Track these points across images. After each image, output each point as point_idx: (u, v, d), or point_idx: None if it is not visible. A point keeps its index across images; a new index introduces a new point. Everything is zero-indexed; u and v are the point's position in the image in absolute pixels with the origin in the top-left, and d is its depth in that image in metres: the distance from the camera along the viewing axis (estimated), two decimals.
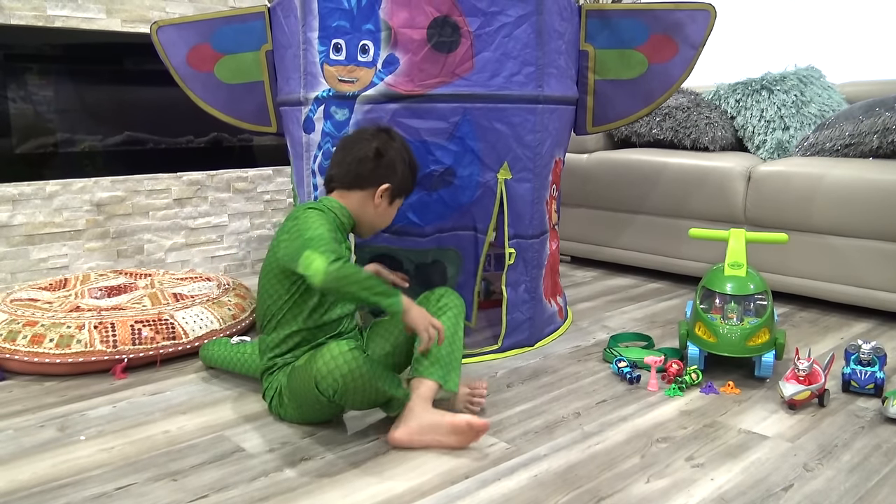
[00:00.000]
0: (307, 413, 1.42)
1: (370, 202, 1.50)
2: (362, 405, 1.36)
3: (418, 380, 1.43)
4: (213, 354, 1.73)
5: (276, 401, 1.46)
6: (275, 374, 1.47)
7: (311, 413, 1.41)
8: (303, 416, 1.43)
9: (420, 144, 1.67)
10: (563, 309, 2.13)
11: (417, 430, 1.36)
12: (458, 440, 1.35)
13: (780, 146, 2.50)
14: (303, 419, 1.44)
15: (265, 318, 1.48)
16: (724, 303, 1.69)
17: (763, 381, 1.68)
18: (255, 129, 2.07)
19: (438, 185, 1.71)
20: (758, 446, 1.35)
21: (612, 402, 1.56)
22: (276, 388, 1.45)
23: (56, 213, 2.39)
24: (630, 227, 2.68)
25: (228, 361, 1.69)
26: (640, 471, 1.26)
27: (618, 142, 2.92)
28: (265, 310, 1.48)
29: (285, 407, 1.44)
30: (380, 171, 1.48)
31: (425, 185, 1.70)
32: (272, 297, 1.46)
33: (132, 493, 1.20)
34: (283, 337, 1.46)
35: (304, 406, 1.40)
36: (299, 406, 1.41)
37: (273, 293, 1.46)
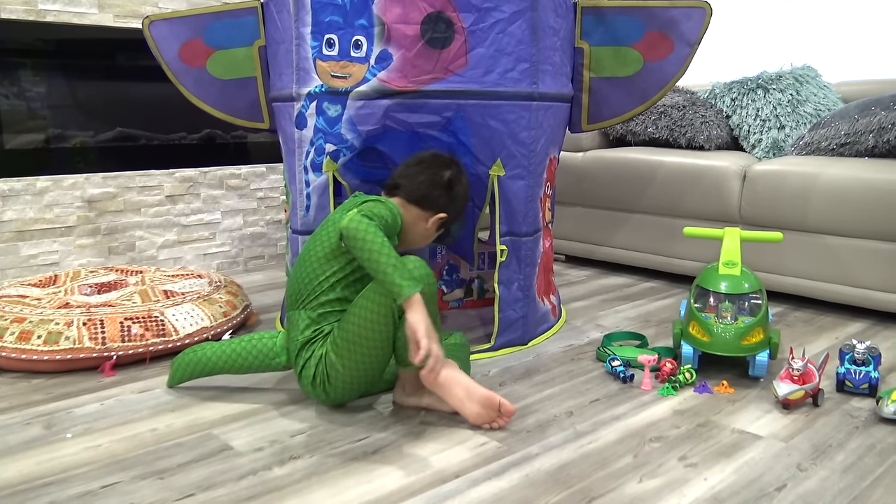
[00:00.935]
0: (359, 367, 1.40)
1: (423, 222, 1.58)
2: None
3: None
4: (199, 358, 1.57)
5: (320, 368, 1.42)
6: (315, 345, 1.44)
7: (363, 365, 1.40)
8: (352, 376, 1.41)
9: (412, 135, 1.65)
10: (557, 307, 2.12)
11: (455, 380, 1.39)
12: (479, 414, 1.38)
13: (776, 145, 2.49)
14: (348, 385, 1.42)
15: (306, 292, 1.47)
16: (719, 302, 1.68)
17: (757, 380, 1.67)
18: (247, 125, 2.06)
19: None
20: (751, 446, 1.34)
21: (605, 402, 1.55)
22: (321, 355, 1.43)
23: (47, 209, 2.37)
24: (625, 226, 2.67)
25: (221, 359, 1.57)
26: (632, 470, 1.25)
27: (613, 140, 2.91)
28: (307, 284, 1.47)
29: (333, 370, 1.41)
30: (443, 199, 1.57)
31: None
32: (320, 272, 1.46)
33: (118, 491, 1.18)
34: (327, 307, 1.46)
35: (359, 352, 1.38)
36: (352, 357, 1.39)
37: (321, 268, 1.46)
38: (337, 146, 1.70)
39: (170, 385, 1.61)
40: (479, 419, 1.39)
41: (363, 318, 1.38)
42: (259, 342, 1.55)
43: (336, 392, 1.45)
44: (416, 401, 1.49)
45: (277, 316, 2.18)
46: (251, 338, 1.56)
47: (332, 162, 1.73)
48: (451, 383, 1.40)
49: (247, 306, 2.07)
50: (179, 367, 1.59)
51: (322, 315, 1.46)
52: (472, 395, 1.39)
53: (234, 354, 1.55)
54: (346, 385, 1.43)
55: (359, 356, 1.39)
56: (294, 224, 1.89)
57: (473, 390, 1.39)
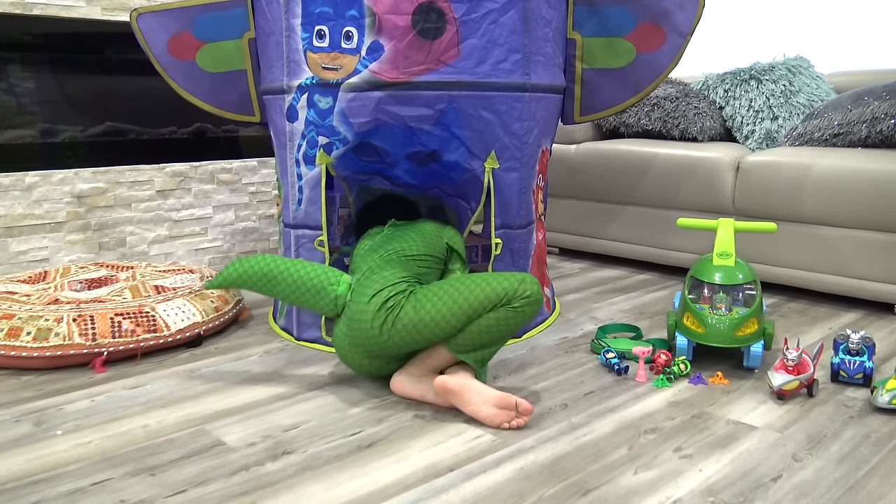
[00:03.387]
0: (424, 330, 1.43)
1: None
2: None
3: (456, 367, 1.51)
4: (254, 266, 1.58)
5: (380, 317, 1.44)
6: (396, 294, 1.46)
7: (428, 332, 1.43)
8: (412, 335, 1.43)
9: (405, 129, 1.64)
10: (551, 300, 2.11)
11: (468, 387, 1.40)
12: (496, 416, 1.37)
13: (769, 136, 2.49)
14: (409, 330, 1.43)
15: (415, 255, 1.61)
16: (713, 293, 1.68)
17: (752, 371, 1.67)
18: (238, 118, 2.04)
19: (427, 161, 1.69)
20: (746, 437, 1.34)
21: (599, 394, 1.54)
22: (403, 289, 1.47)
23: (35, 204, 2.35)
24: (618, 218, 2.66)
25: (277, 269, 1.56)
26: (627, 462, 1.24)
27: (606, 132, 2.90)
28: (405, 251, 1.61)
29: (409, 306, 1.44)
30: None
31: (414, 160, 1.68)
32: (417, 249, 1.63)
33: (108, 488, 1.17)
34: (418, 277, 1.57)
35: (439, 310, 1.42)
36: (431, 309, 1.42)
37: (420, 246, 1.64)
38: (329, 139, 1.69)
39: (209, 286, 1.63)
40: (497, 420, 1.37)
41: (470, 292, 1.42)
42: (320, 269, 1.55)
43: (395, 330, 1.43)
44: (419, 389, 1.48)
45: (270, 311, 2.16)
46: (315, 264, 1.58)
47: (325, 154, 1.71)
48: (464, 390, 1.39)
49: (238, 301, 2.06)
50: (232, 271, 1.58)
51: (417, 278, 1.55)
52: (487, 399, 1.37)
53: (291, 271, 1.54)
54: (407, 331, 1.42)
55: (443, 314, 1.41)
56: (286, 218, 1.87)
57: (488, 394, 1.38)
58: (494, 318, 1.41)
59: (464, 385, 1.40)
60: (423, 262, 1.61)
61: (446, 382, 1.40)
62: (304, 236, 1.81)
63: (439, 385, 1.41)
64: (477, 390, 1.39)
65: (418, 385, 1.49)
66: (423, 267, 1.61)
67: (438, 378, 1.42)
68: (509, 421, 1.37)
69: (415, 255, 1.61)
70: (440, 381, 1.41)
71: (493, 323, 1.41)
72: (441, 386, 1.41)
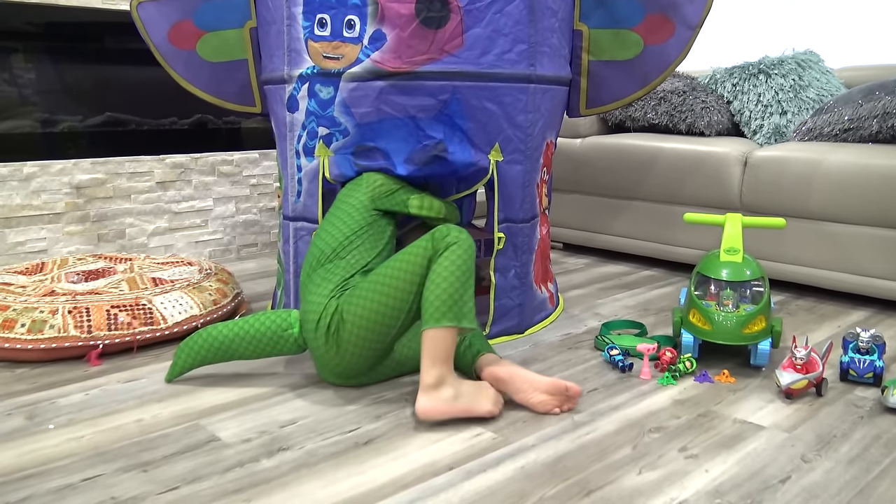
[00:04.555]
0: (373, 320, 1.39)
1: None
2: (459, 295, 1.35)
3: (491, 355, 1.48)
4: (206, 338, 1.50)
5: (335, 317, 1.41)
6: (337, 294, 1.44)
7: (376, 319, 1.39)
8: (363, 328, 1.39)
9: (409, 120, 1.61)
10: (555, 296, 2.08)
11: (518, 375, 1.40)
12: (544, 402, 1.38)
13: (778, 131, 2.45)
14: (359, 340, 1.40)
15: (328, 251, 1.52)
16: (720, 289, 1.64)
17: (759, 369, 1.63)
18: (238, 109, 2.01)
19: (431, 161, 1.64)
20: (754, 437, 1.30)
21: (603, 391, 1.51)
22: (330, 305, 1.42)
23: (34, 195, 2.32)
24: (624, 213, 2.63)
25: (228, 338, 1.48)
26: (631, 462, 1.21)
27: (612, 126, 2.86)
28: (329, 243, 1.54)
29: (348, 316, 1.40)
30: None
31: (416, 160, 1.63)
32: (340, 231, 1.55)
33: (99, 484, 1.14)
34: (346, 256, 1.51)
35: (376, 304, 1.38)
36: (368, 308, 1.39)
37: (341, 228, 1.56)
38: (330, 129, 1.65)
39: (169, 379, 1.55)
40: (548, 407, 1.39)
41: (389, 275, 1.39)
42: (269, 318, 1.50)
43: (346, 347, 1.41)
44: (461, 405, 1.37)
45: (269, 304, 2.13)
46: (262, 314, 1.52)
47: (324, 147, 1.68)
48: (514, 378, 1.40)
49: (237, 294, 2.03)
50: (183, 354, 1.52)
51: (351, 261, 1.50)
52: (538, 386, 1.39)
53: (242, 333, 1.48)
54: (357, 340, 1.40)
55: (375, 309, 1.39)
56: (286, 210, 1.84)
57: (537, 381, 1.39)
58: (438, 273, 1.35)
59: (513, 373, 1.41)
60: (348, 247, 1.52)
61: (496, 371, 1.41)
62: (303, 229, 1.78)
63: (489, 375, 1.42)
64: (526, 378, 1.40)
65: (457, 402, 1.33)
66: (350, 252, 1.51)
67: (487, 370, 1.42)
68: (560, 406, 1.39)
69: (335, 248, 1.52)
70: (489, 372, 1.42)
71: (439, 277, 1.34)
72: (491, 375, 1.41)
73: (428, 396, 1.32)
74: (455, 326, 1.33)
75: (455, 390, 1.33)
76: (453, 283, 1.33)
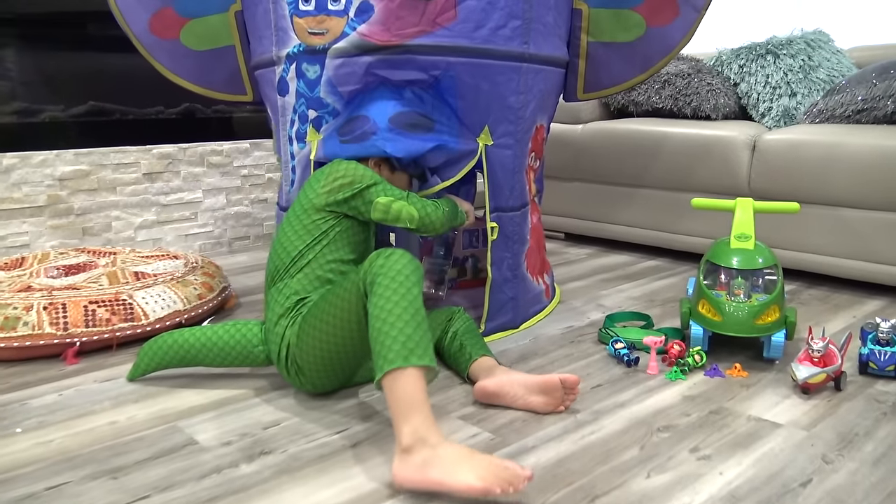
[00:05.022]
0: (322, 356, 1.27)
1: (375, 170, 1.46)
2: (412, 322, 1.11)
3: (484, 358, 1.40)
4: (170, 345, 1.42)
5: (291, 351, 1.31)
6: (287, 320, 1.32)
7: (329, 358, 1.26)
8: (317, 364, 1.28)
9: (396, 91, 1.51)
10: (551, 287, 1.98)
11: (508, 383, 1.30)
12: (546, 402, 1.28)
13: (787, 113, 2.35)
14: (318, 376, 1.31)
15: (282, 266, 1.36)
16: (730, 278, 1.55)
17: (773, 363, 1.54)
18: (229, 98, 1.91)
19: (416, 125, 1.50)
20: (770, 435, 1.22)
21: (607, 387, 1.42)
22: (286, 337, 1.31)
23: (14, 187, 2.24)
24: (627, 201, 2.53)
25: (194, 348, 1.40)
26: (639, 464, 1.12)
27: (614, 111, 2.76)
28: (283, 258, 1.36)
29: (294, 357, 1.30)
30: None
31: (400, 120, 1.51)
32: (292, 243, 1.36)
33: (64, 493, 1.05)
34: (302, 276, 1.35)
35: (324, 345, 1.25)
36: (317, 345, 1.26)
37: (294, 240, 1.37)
38: (318, 112, 1.56)
39: (130, 378, 1.47)
40: (550, 406, 1.29)
41: (323, 319, 1.25)
42: (244, 326, 1.40)
43: (310, 381, 1.33)
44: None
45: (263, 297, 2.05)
46: (235, 323, 1.42)
47: (314, 131, 1.58)
48: (505, 388, 1.31)
49: (224, 288, 1.94)
50: (148, 353, 1.44)
51: (300, 281, 1.35)
52: (531, 387, 1.29)
53: (214, 338, 1.40)
54: (317, 374, 1.31)
55: (322, 348, 1.26)
56: (280, 199, 1.76)
57: (530, 382, 1.30)
58: (373, 315, 1.13)
59: (502, 383, 1.31)
60: (299, 262, 1.35)
61: (485, 387, 1.32)
62: None
63: (479, 393, 1.33)
64: (517, 381, 1.30)
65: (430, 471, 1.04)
66: (302, 269, 1.35)
67: (476, 386, 1.34)
68: (563, 403, 1.29)
69: (285, 265, 1.36)
70: (479, 389, 1.33)
71: (375, 319, 1.12)
72: (481, 393, 1.33)
73: (400, 460, 1.05)
74: (405, 367, 1.06)
75: (432, 452, 1.02)
76: (390, 320, 1.10)
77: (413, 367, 1.07)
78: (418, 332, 1.10)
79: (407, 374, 1.07)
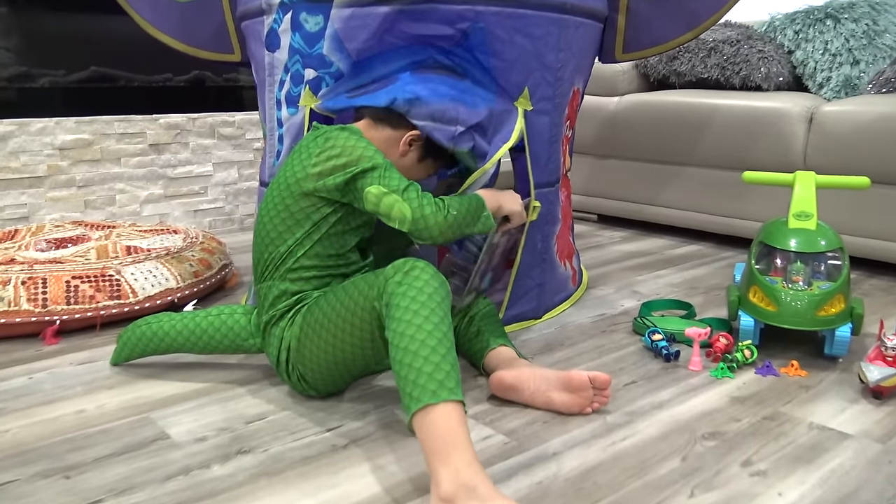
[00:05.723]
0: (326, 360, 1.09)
1: (396, 148, 1.21)
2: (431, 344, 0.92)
3: (502, 348, 1.23)
4: (154, 332, 1.27)
5: (291, 356, 1.14)
6: (282, 324, 1.15)
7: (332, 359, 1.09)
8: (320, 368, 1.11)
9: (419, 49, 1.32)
10: (578, 273, 1.79)
11: (529, 375, 1.13)
12: (570, 401, 1.11)
13: (849, 83, 2.12)
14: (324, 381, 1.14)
15: (270, 262, 1.16)
16: (788, 262, 1.35)
17: (835, 360, 1.34)
18: (214, 57, 1.74)
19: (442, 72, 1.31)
20: (837, 448, 1.02)
21: (643, 385, 1.24)
22: (286, 339, 1.14)
23: (12, 156, 2.11)
24: (667, 181, 2.33)
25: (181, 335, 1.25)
26: (681, 479, 0.94)
27: (653, 83, 2.55)
28: (270, 252, 1.16)
29: (296, 362, 1.14)
30: None
31: (426, 65, 1.31)
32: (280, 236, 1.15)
33: (6, 493, 0.91)
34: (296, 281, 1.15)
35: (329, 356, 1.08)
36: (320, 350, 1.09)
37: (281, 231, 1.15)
38: (318, 72, 1.37)
39: (113, 363, 1.33)
40: (575, 407, 1.11)
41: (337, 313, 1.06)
42: (230, 317, 1.24)
43: (314, 388, 1.16)
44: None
45: None
46: (221, 311, 1.25)
47: (311, 94, 1.40)
48: (524, 381, 1.14)
49: (225, 266, 1.79)
50: (128, 341, 1.29)
51: (295, 283, 1.15)
52: (555, 383, 1.12)
53: (198, 330, 1.24)
54: (322, 383, 1.14)
55: (327, 360, 1.09)
56: (262, 174, 1.58)
57: (554, 377, 1.13)
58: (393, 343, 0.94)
59: (522, 376, 1.14)
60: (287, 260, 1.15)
61: (502, 378, 1.15)
62: None
63: (495, 384, 1.16)
64: (539, 375, 1.14)
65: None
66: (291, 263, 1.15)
67: (493, 376, 1.17)
68: (591, 404, 1.12)
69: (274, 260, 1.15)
70: (496, 380, 1.16)
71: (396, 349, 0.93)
72: (498, 384, 1.16)
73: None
74: (435, 403, 0.88)
75: None
76: (412, 349, 0.91)
77: (446, 402, 0.88)
78: (446, 362, 0.90)
79: (440, 409, 0.87)
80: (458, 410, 0.88)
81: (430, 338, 0.92)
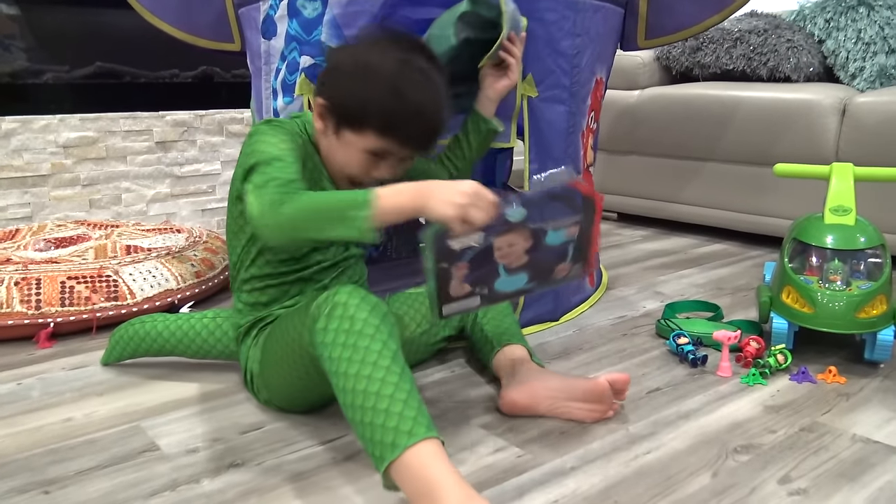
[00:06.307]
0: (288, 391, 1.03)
1: (352, 149, 1.02)
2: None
3: (510, 347, 1.14)
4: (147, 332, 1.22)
5: (248, 377, 1.10)
6: (248, 342, 1.10)
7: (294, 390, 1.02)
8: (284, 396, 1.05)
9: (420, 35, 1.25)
10: (596, 273, 1.70)
11: (543, 391, 1.05)
12: (591, 410, 1.04)
13: (884, 73, 2.01)
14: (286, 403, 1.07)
15: (232, 273, 1.12)
16: (824, 260, 1.26)
17: (877, 366, 1.25)
18: (214, 46, 1.69)
19: None
20: (885, 463, 0.93)
21: (668, 392, 1.15)
22: (250, 360, 1.09)
23: (15, 154, 2.06)
24: (691, 177, 2.23)
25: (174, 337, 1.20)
26: (712, 497, 0.85)
27: (676, 75, 2.45)
28: (231, 262, 1.12)
29: (260, 387, 1.08)
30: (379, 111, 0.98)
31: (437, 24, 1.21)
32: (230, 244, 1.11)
33: None
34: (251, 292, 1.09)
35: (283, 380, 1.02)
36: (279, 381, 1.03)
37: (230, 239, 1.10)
38: (315, 59, 1.30)
39: (104, 362, 1.27)
40: (596, 415, 1.04)
41: (283, 349, 0.99)
42: (226, 321, 1.18)
43: (285, 409, 1.09)
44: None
45: None
46: (217, 314, 1.20)
47: (308, 82, 1.32)
48: (540, 397, 1.05)
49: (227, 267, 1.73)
50: (120, 339, 1.24)
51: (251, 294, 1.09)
52: (573, 394, 1.04)
53: (191, 332, 1.19)
54: (289, 405, 1.08)
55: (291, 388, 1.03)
56: None
57: (571, 387, 1.05)
58: (339, 397, 0.84)
59: (534, 392, 1.05)
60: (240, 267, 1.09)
61: (514, 401, 1.06)
62: None
63: (507, 405, 1.06)
64: (555, 388, 1.05)
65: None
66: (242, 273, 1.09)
67: (504, 399, 1.07)
68: (612, 409, 1.06)
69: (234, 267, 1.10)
70: (508, 403, 1.06)
71: (343, 404, 0.83)
72: (509, 405, 1.06)
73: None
74: (403, 450, 0.77)
75: None
76: (357, 402, 0.81)
77: (418, 442, 0.77)
78: (399, 397, 0.79)
79: (412, 453, 0.76)
80: (434, 445, 0.78)
81: (372, 383, 0.80)
